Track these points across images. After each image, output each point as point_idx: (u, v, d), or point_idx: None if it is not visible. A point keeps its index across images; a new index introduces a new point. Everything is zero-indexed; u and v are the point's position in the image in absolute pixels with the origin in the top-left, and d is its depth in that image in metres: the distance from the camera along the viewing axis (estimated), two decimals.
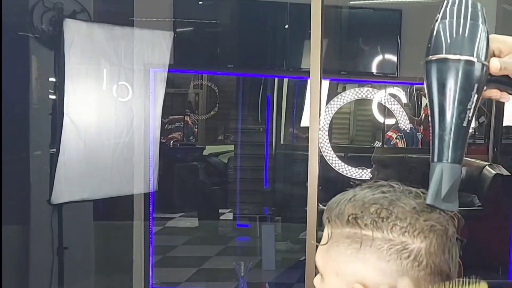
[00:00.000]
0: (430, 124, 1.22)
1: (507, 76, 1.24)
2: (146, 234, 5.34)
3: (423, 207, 1.23)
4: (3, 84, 4.26)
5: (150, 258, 5.42)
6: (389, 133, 7.43)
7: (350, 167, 6.07)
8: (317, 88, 2.99)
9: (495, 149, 6.95)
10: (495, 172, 6.06)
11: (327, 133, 6.10)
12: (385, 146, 7.43)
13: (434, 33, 1.19)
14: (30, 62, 4.94)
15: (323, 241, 1.32)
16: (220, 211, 7.93)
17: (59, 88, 4.48)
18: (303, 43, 5.93)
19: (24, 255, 4.88)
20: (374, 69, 6.29)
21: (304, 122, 6.94)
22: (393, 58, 6.22)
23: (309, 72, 3.01)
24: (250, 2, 6.30)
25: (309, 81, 3.06)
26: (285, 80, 7.34)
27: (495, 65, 1.18)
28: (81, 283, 5.24)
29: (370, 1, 6.70)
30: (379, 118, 7.15)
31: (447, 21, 1.18)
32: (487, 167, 6.32)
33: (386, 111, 6.85)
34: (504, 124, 6.92)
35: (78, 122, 4.49)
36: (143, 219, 5.29)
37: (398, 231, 1.22)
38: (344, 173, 6.07)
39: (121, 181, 4.89)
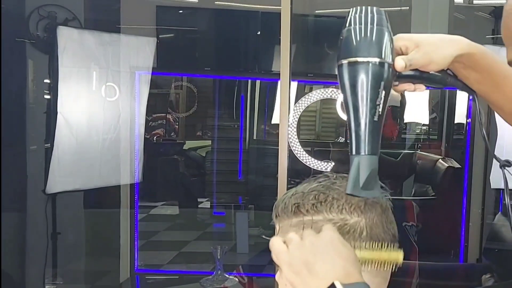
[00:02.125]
0: (347, 121, 1.20)
1: (418, 70, 1.27)
2: (131, 220, 5.35)
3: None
4: (2, 85, 4.29)
5: (135, 243, 5.43)
6: None
7: (316, 160, 6.06)
8: (286, 88, 3.00)
9: (447, 144, 6.99)
10: (447, 165, 6.06)
11: (295, 130, 6.07)
12: (347, 141, 7.46)
13: (343, 39, 1.19)
14: (27, 65, 4.95)
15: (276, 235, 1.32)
16: (199, 200, 7.91)
17: (53, 89, 4.49)
18: (273, 48, 5.99)
19: (21, 240, 4.88)
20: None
21: (275, 120, 6.93)
22: None
23: (279, 74, 3.01)
24: (225, 11, 6.31)
25: (279, 82, 3.06)
26: (258, 82, 7.33)
27: (399, 63, 1.20)
28: (73, 265, 5.24)
29: (334, 10, 6.73)
30: (343, 116, 7.17)
31: (352, 27, 1.18)
32: (440, 160, 6.32)
33: None
34: (456, 121, 6.95)
35: (70, 119, 4.47)
36: (129, 207, 5.30)
37: (336, 210, 1.25)
38: (311, 166, 6.07)
39: (109, 172, 4.88)
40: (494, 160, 4.11)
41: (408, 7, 5.92)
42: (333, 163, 6.20)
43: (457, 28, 5.60)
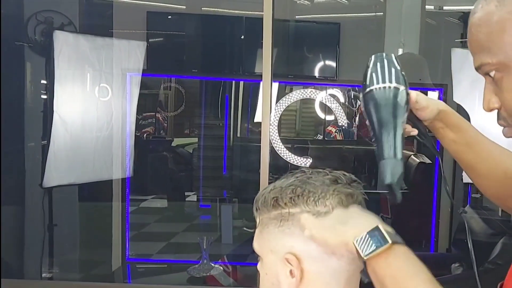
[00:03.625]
0: (373, 137, 1.36)
1: (412, 114, 1.47)
2: (123, 213, 5.34)
3: (331, 181, 1.31)
4: (2, 86, 4.30)
5: (127, 233, 5.43)
6: (329, 128, 7.44)
7: (296, 156, 6.05)
8: (268, 89, 3.00)
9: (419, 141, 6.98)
10: (419, 161, 6.02)
11: (276, 128, 6.06)
12: (325, 139, 7.45)
13: (369, 74, 1.39)
14: (25, 67, 4.96)
15: (257, 228, 1.37)
16: (186, 193, 7.85)
17: (50, 89, 4.43)
18: (256, 51, 5.94)
19: (20, 231, 4.88)
20: (316, 73, 6.37)
21: (257, 118, 6.91)
22: (333, 64, 6.31)
23: (261, 75, 3.01)
24: (211, 17, 6.35)
25: (261, 83, 3.05)
26: (241, 83, 7.34)
27: (412, 95, 1.41)
28: (68, 254, 5.23)
29: (313, 16, 6.78)
30: (321, 115, 7.11)
31: (377, 65, 1.40)
32: (412, 156, 6.24)
33: (326, 109, 6.89)
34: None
35: (66, 118, 4.43)
36: (121, 200, 5.29)
37: (312, 203, 1.27)
38: (291, 162, 6.08)
39: (102, 168, 4.83)
40: None
41: (382, 13, 5.97)
42: (312, 159, 6.25)
43: (428, 32, 5.65)
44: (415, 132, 1.50)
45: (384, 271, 1.11)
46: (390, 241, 1.11)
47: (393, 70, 1.38)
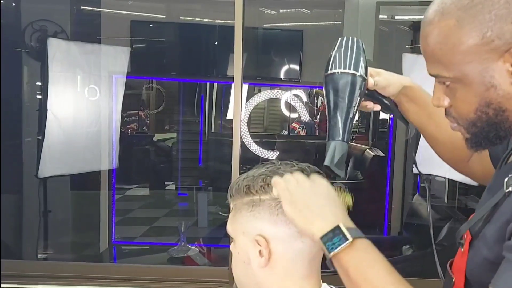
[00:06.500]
0: (327, 116, 1.37)
1: (376, 92, 1.50)
2: (109, 200, 5.33)
3: (297, 172, 1.30)
4: (2, 88, 4.31)
5: (113, 219, 5.42)
6: (293, 124, 7.50)
7: (264, 150, 6.08)
8: (239, 90, 2.94)
9: (374, 136, 6.99)
10: (373, 154, 5.97)
11: (246, 124, 6.08)
12: (290, 134, 7.50)
13: (332, 57, 1.40)
14: (22, 70, 4.95)
15: (230, 212, 1.39)
16: (166, 183, 7.92)
17: (44, 90, 4.35)
18: (228, 55, 6.10)
19: (18, 217, 4.87)
20: (282, 75, 6.43)
21: (229, 116, 6.96)
22: (297, 67, 6.38)
23: (233, 78, 3.01)
24: (188, 25, 6.38)
25: (233, 84, 3.06)
26: (215, 84, 7.37)
27: (370, 81, 1.44)
28: (61, 238, 5.24)
29: (279, 24, 6.85)
30: (286, 112, 7.18)
31: (342, 49, 1.40)
32: (367, 149, 6.26)
33: (291, 108, 6.94)
34: (380, 117, 6.97)
35: (59, 116, 4.37)
36: (108, 189, 5.25)
37: None
38: (259, 155, 6.10)
39: (91, 160, 4.78)
40: (417, 150, 4.09)
41: (340, 22, 6.02)
42: (278, 152, 6.30)
43: (382, 39, 5.71)
44: (377, 107, 1.53)
45: (347, 263, 1.13)
46: (350, 238, 1.14)
47: (354, 56, 1.39)
